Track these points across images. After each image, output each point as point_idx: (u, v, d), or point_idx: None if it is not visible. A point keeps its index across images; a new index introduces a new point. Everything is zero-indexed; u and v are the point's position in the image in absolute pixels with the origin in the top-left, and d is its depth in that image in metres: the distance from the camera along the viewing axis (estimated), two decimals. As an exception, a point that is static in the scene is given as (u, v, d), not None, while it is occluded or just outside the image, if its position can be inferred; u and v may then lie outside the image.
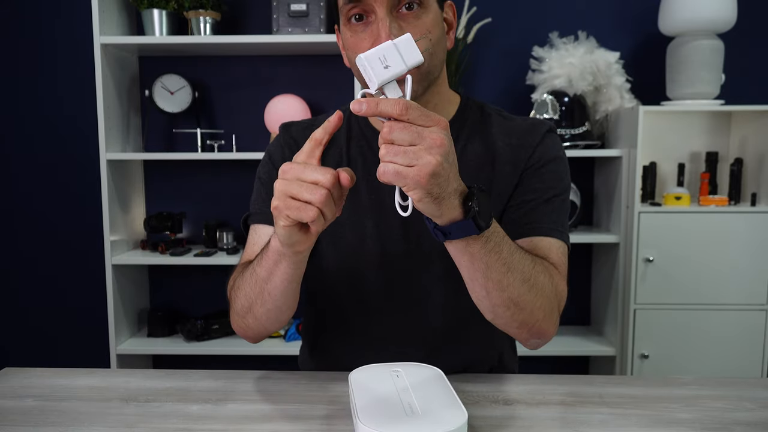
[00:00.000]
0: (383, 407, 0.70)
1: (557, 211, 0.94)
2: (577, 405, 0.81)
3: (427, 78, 0.87)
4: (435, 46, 0.86)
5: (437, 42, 0.86)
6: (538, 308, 0.82)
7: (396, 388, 0.75)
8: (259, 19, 2.20)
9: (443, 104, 0.96)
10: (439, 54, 0.88)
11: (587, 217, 2.25)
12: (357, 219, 0.96)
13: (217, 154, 2.06)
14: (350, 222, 0.96)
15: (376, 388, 0.75)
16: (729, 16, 1.89)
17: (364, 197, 0.96)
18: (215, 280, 2.33)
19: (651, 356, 1.95)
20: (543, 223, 0.91)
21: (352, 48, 0.87)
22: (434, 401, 0.71)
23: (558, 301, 0.87)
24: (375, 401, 0.71)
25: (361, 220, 0.96)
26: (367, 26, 0.85)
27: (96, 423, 0.76)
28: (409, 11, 0.83)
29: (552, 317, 0.86)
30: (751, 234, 1.90)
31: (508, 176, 0.94)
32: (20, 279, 2.37)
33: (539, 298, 0.82)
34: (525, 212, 0.92)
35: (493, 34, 2.19)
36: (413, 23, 0.84)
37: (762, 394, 0.84)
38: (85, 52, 2.21)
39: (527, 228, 0.91)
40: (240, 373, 0.93)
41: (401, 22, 0.83)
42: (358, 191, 0.96)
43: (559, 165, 0.96)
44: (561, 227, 0.93)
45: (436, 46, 0.86)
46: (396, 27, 0.82)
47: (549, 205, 0.93)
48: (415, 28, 0.83)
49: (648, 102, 2.10)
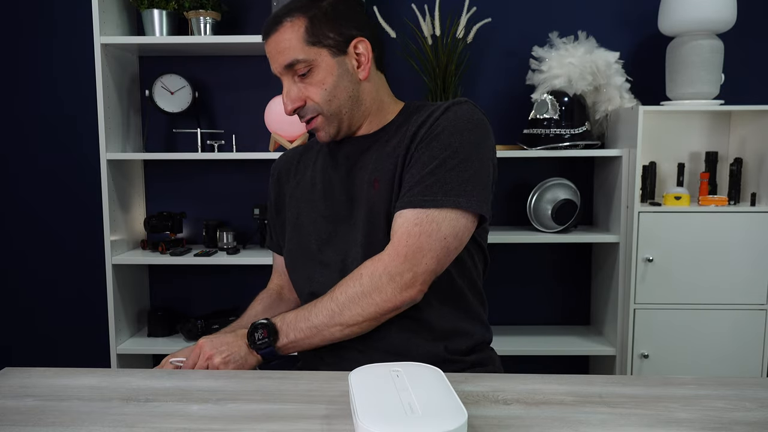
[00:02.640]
0: (383, 407, 0.70)
1: (441, 179, 1.02)
2: (577, 405, 0.81)
3: (336, 118, 1.11)
4: (331, 92, 1.09)
5: (333, 88, 1.09)
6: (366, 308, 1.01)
7: (396, 387, 0.75)
8: (259, 19, 2.20)
9: (380, 117, 1.16)
10: (340, 94, 1.10)
11: (587, 217, 2.25)
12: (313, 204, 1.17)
13: (217, 154, 2.06)
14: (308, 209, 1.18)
15: (376, 388, 0.75)
16: (729, 16, 1.89)
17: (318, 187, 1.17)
18: (215, 280, 2.33)
19: (651, 356, 1.95)
20: (405, 198, 1.04)
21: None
22: (434, 401, 0.71)
23: (388, 278, 1.00)
24: (375, 401, 0.71)
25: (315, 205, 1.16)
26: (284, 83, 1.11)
27: (96, 423, 0.76)
28: (302, 76, 1.08)
29: (386, 294, 1.00)
30: (751, 234, 1.90)
31: (410, 147, 1.08)
32: (20, 279, 2.37)
33: (356, 305, 1.01)
34: (405, 187, 1.05)
35: (493, 34, 2.19)
36: (308, 81, 1.09)
37: (762, 394, 0.84)
38: (85, 52, 2.21)
39: (398, 204, 1.05)
40: (240, 373, 0.93)
41: (300, 84, 1.09)
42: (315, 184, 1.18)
43: (453, 134, 1.04)
44: (440, 194, 1.01)
45: (332, 92, 1.09)
46: (296, 89, 1.10)
47: (431, 177, 1.02)
48: (311, 85, 1.09)
49: (648, 102, 2.10)
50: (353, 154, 1.15)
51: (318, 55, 1.07)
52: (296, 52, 1.06)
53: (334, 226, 1.13)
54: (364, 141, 1.16)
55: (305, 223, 1.17)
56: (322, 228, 1.14)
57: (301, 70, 1.07)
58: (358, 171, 1.13)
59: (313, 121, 1.12)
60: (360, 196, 1.11)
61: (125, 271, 2.15)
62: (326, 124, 1.12)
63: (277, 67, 1.09)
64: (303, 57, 1.06)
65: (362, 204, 1.10)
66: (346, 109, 1.11)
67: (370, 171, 1.11)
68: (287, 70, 1.08)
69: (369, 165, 1.12)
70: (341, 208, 1.13)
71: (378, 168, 1.10)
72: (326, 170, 1.18)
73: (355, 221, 1.11)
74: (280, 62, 1.08)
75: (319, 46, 1.07)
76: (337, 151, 1.18)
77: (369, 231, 1.08)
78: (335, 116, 1.11)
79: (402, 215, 1.03)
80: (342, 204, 1.13)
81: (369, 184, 1.10)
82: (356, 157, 1.15)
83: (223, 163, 2.27)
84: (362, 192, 1.11)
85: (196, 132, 2.16)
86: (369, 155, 1.13)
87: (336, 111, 1.10)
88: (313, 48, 1.06)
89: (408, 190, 1.04)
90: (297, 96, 1.09)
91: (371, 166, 1.11)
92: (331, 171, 1.17)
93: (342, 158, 1.16)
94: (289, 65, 1.07)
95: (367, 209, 1.09)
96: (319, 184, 1.17)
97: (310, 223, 1.16)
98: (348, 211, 1.12)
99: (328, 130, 1.13)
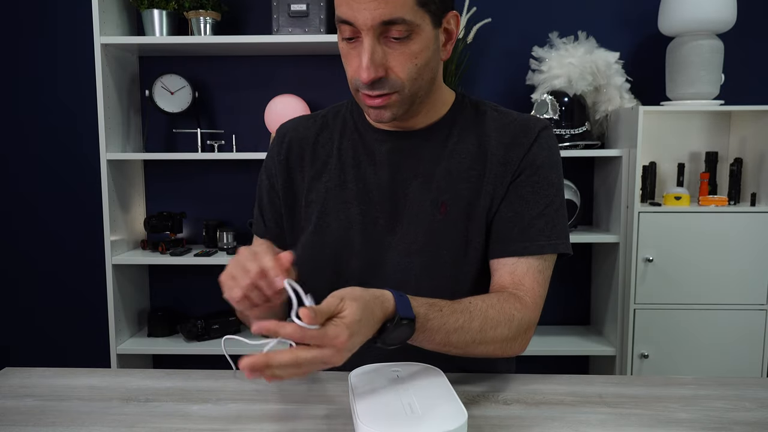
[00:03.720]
0: (383, 407, 0.70)
1: (551, 221, 0.94)
2: (577, 405, 0.81)
3: (410, 101, 0.90)
4: (420, 70, 0.88)
5: (423, 66, 0.88)
6: (494, 351, 0.87)
7: (396, 387, 0.75)
8: (259, 19, 2.20)
9: (435, 108, 0.98)
10: (426, 75, 0.90)
11: (587, 217, 2.25)
12: (343, 208, 0.97)
13: (217, 154, 2.06)
14: (335, 211, 0.97)
15: (375, 388, 0.75)
16: (729, 16, 1.89)
17: (351, 186, 0.97)
18: (215, 280, 2.30)
19: (651, 356, 1.95)
20: (525, 241, 0.92)
21: (343, 58, 0.91)
22: (434, 401, 0.71)
23: (525, 329, 0.90)
24: (375, 401, 0.71)
25: (347, 209, 0.97)
26: (356, 46, 0.87)
27: (96, 423, 0.76)
28: (396, 40, 0.85)
29: (514, 345, 0.90)
30: (751, 234, 1.90)
31: (500, 176, 0.94)
32: (20, 279, 2.37)
33: (491, 346, 0.86)
34: (514, 228, 0.94)
35: (493, 34, 2.19)
36: (399, 50, 0.85)
37: (762, 394, 0.84)
38: (85, 52, 2.21)
39: (509, 248, 0.93)
40: (240, 373, 0.93)
41: (387, 48, 0.85)
42: (345, 182, 0.98)
43: (552, 169, 0.96)
44: (553, 238, 0.94)
45: (421, 70, 0.88)
46: (380, 53, 0.85)
47: (541, 219, 0.93)
48: (402, 55, 0.86)
49: (648, 102, 2.10)
50: (398, 151, 0.97)
51: (423, 20, 0.85)
52: (405, 9, 0.82)
53: (378, 250, 0.95)
54: (413, 136, 0.97)
55: (336, 231, 0.97)
56: (360, 247, 0.96)
57: (399, 33, 0.84)
58: (409, 178, 0.96)
59: (386, 98, 0.88)
60: (415, 215, 0.94)
61: (125, 271, 2.15)
62: (398, 105, 0.89)
63: (368, 18, 0.82)
64: (411, 18, 0.83)
65: (420, 226, 0.94)
66: (423, 92, 0.91)
67: (432, 188, 0.94)
68: (380, 28, 0.83)
69: (425, 174, 0.95)
70: (385, 220, 0.96)
71: (445, 187, 0.94)
72: (361, 165, 0.98)
73: (406, 245, 0.94)
74: (377, 15, 0.81)
75: (426, 11, 0.85)
76: (374, 141, 0.98)
77: (429, 263, 0.93)
78: (412, 98, 0.90)
79: (526, 262, 0.92)
80: (386, 216, 0.96)
81: (433, 205, 0.94)
82: (403, 157, 0.96)
83: (223, 163, 2.27)
84: (421, 211, 0.94)
85: (196, 132, 2.16)
86: (422, 159, 0.96)
87: (415, 92, 0.89)
88: (421, 10, 0.84)
89: (521, 232, 0.93)
90: (381, 62, 0.85)
91: (434, 182, 0.94)
92: (368, 168, 0.97)
93: (382, 153, 0.97)
94: (390, 22, 0.82)
95: (428, 235, 0.93)
96: (352, 184, 0.97)
97: (343, 234, 0.96)
98: (391, 224, 0.95)
99: (396, 112, 0.90)
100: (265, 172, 1.06)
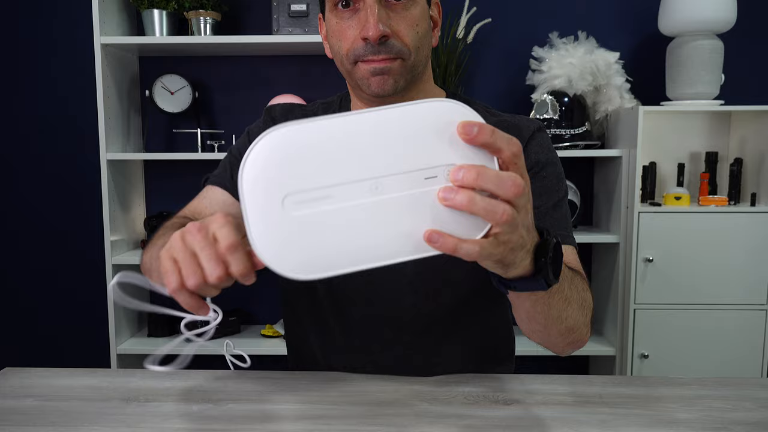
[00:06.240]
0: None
1: (565, 215, 0.93)
2: (577, 405, 0.81)
3: (411, 71, 0.88)
4: (421, 39, 0.87)
5: (423, 36, 0.87)
6: (585, 325, 0.81)
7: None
8: (259, 19, 2.20)
9: None
10: (424, 49, 0.88)
11: (587, 217, 2.25)
12: None
13: (218, 154, 2.06)
14: None
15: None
16: (729, 16, 1.89)
17: None
18: (215, 280, 2.32)
19: (651, 356, 1.95)
20: (556, 231, 0.89)
21: (337, 36, 0.87)
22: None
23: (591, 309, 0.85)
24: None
25: None
26: (355, 13, 0.85)
27: (96, 423, 0.76)
28: (398, 2, 0.84)
29: (590, 327, 0.85)
30: (751, 234, 1.90)
31: None
32: (20, 279, 2.37)
33: (586, 316, 0.80)
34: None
35: (493, 34, 2.19)
36: (402, 14, 0.84)
37: (762, 394, 0.84)
38: (85, 52, 2.21)
39: None
40: (240, 373, 0.93)
41: (390, 11, 0.84)
42: None
43: (556, 166, 0.96)
44: (569, 231, 0.93)
45: (422, 40, 0.87)
46: (384, 15, 0.83)
47: (557, 211, 0.92)
48: (404, 20, 0.84)
49: (648, 102, 2.10)
50: None
51: None
52: None
53: None
54: None
55: None
56: None
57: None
58: None
59: (391, 61, 0.85)
60: None
61: (125, 271, 2.15)
62: (401, 74, 0.87)
63: None
64: None
65: None
66: (422, 68, 0.89)
67: None
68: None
69: None
70: None
71: None
72: None
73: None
74: None
75: None
76: None
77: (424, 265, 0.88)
78: (413, 70, 0.88)
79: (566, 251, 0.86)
80: None
81: None
82: None
83: (223, 163, 2.27)
84: None
85: (196, 132, 2.16)
86: None
87: (416, 64, 0.88)
88: None
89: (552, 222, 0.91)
90: (386, 23, 0.83)
91: None
92: None
93: None
94: None
95: None
96: None
97: None
98: None
99: (398, 81, 0.87)
100: (248, 139, 1.01)
